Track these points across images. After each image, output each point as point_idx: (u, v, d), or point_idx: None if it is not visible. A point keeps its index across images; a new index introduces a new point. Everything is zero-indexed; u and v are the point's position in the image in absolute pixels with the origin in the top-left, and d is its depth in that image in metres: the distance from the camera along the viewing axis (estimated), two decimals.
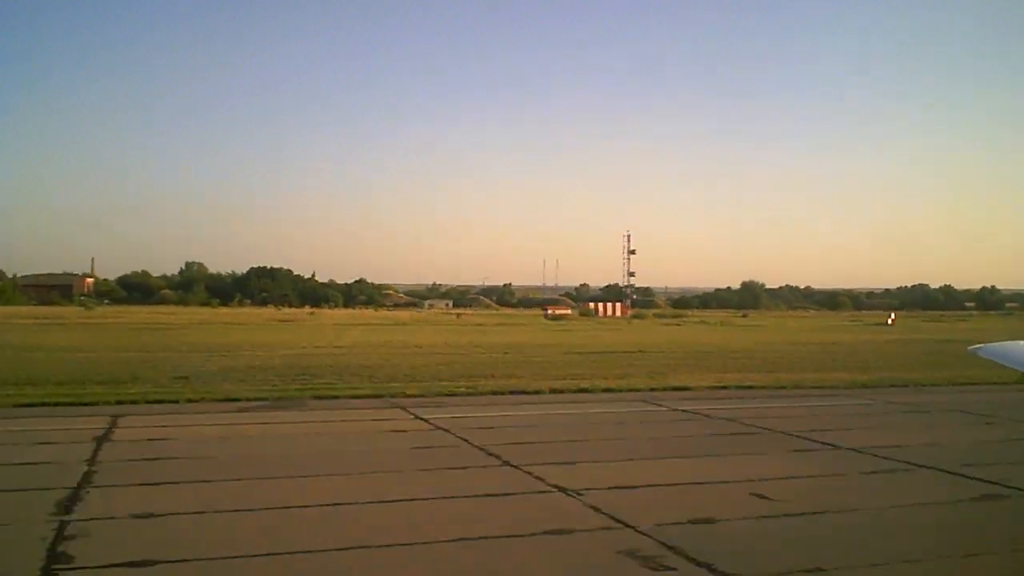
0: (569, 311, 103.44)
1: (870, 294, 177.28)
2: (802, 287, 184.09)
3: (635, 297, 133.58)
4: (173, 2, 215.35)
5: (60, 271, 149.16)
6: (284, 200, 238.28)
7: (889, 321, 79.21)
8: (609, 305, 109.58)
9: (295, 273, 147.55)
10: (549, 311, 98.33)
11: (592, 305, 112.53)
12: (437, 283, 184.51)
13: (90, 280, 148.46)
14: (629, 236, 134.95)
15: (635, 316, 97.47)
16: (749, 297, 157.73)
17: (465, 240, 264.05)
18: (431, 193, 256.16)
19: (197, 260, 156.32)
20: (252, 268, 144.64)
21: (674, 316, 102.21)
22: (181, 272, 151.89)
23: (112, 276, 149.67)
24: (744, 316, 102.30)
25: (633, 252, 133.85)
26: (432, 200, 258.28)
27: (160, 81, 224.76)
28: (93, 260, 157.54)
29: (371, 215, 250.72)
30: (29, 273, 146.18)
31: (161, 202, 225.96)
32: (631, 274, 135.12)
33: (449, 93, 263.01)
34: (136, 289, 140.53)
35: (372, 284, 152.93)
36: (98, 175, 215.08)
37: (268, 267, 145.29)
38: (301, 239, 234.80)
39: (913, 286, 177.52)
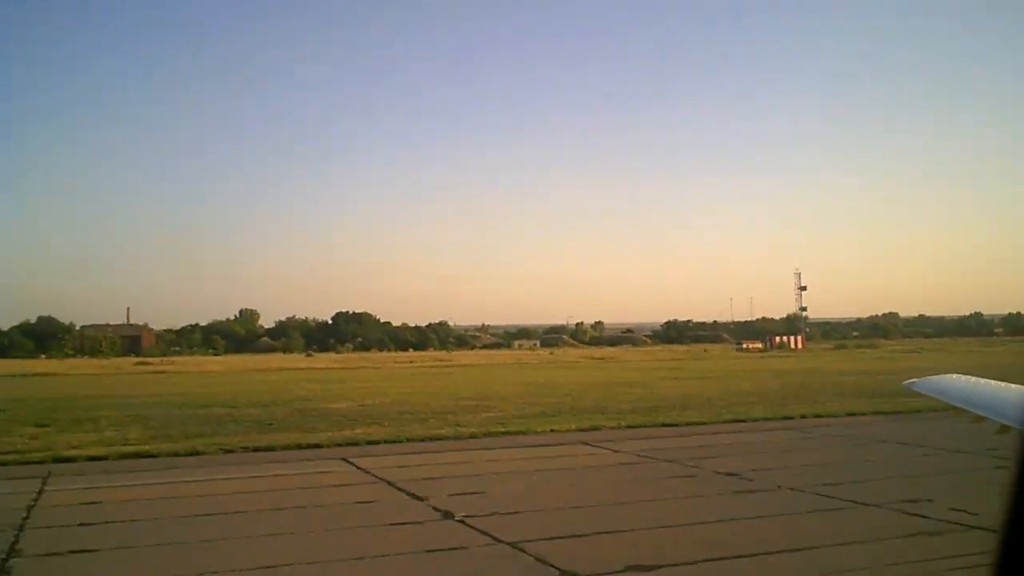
0: (760, 344, 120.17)
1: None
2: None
3: (807, 329, 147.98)
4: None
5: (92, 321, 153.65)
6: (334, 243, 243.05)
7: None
8: (791, 338, 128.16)
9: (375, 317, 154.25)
10: (744, 345, 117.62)
11: (778, 339, 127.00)
12: (512, 323, 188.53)
13: (149, 329, 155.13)
14: (800, 273, 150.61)
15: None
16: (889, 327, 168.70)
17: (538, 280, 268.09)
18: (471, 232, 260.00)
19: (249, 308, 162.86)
20: (339, 313, 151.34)
21: (839, 346, 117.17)
22: (235, 319, 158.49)
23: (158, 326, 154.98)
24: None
25: (804, 288, 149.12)
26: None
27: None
28: (128, 310, 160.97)
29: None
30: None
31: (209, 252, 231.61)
32: (803, 308, 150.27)
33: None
34: (229, 338, 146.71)
35: (449, 325, 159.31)
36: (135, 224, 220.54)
37: (352, 312, 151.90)
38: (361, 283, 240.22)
39: None
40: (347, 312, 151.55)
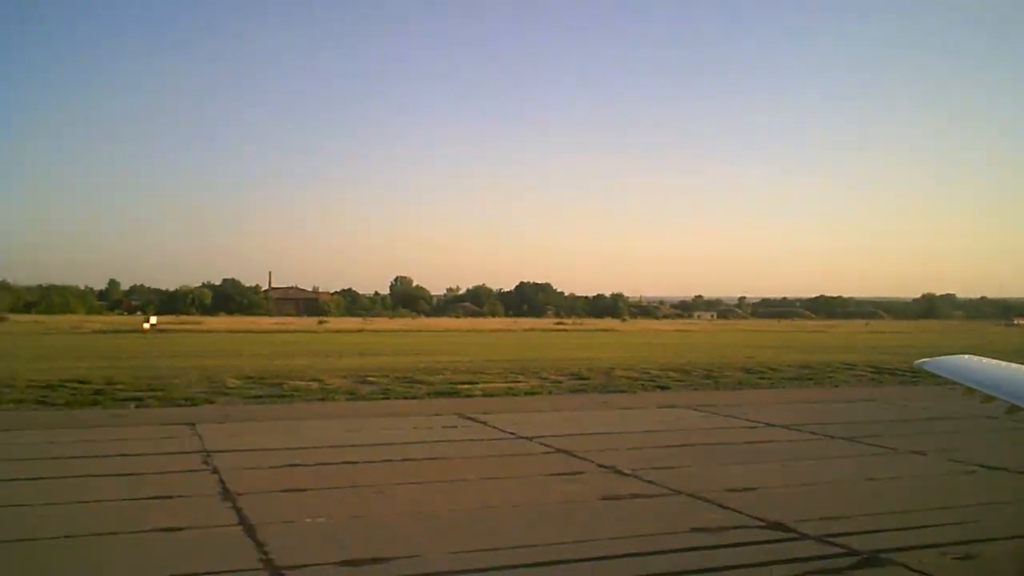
0: None
1: None
2: None
3: None
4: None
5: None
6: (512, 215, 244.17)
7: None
8: None
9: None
10: (1016, 321, 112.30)
11: None
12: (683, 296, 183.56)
13: (325, 293, 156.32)
14: None
15: None
16: None
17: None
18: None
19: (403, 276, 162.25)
20: (522, 283, 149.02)
21: None
22: (391, 287, 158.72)
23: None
24: None
25: None
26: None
27: None
28: (271, 273, 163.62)
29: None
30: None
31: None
32: None
33: None
34: (406, 303, 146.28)
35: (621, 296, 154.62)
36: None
37: (534, 282, 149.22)
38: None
39: None
40: (529, 282, 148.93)
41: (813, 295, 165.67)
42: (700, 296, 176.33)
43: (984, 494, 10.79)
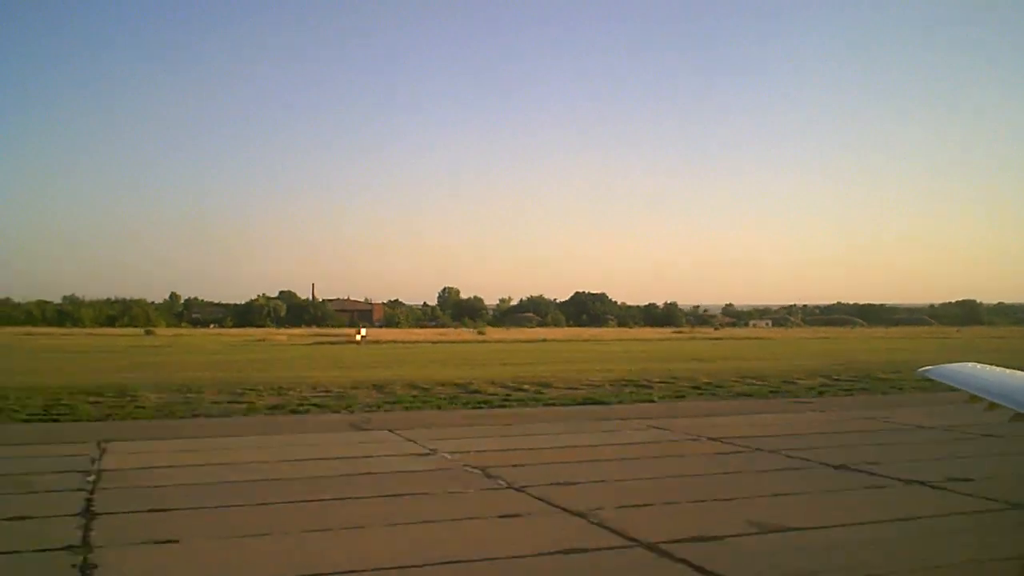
0: None
1: None
2: None
3: None
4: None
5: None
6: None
7: None
8: None
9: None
10: None
11: None
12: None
13: (378, 304, 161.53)
14: None
15: None
16: None
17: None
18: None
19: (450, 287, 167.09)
20: (577, 292, 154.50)
21: None
22: (439, 297, 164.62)
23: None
24: None
25: None
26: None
27: None
28: (313, 286, 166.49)
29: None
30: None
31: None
32: None
33: None
34: (465, 314, 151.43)
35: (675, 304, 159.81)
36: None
37: (590, 292, 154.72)
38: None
39: None
40: (585, 292, 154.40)
41: (848, 302, 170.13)
42: (731, 304, 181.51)
43: None
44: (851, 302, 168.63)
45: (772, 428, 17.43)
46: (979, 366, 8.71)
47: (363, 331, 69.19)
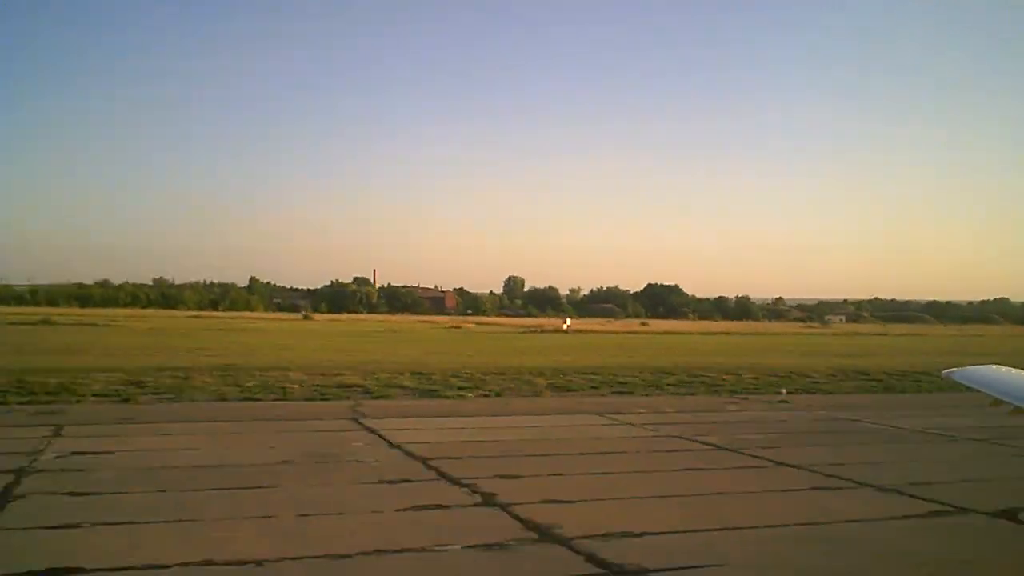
0: None
1: None
2: None
3: None
4: None
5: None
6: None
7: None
8: None
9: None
10: None
11: None
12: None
13: (451, 291, 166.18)
14: None
15: None
16: None
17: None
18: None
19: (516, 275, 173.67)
20: (649, 284, 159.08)
21: None
22: (504, 286, 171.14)
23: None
24: None
25: None
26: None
27: None
28: (375, 272, 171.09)
29: None
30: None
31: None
32: None
33: None
34: (545, 303, 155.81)
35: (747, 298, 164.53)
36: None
37: (662, 284, 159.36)
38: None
39: None
40: (657, 284, 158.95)
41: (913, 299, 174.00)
42: (780, 298, 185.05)
43: None
44: (911, 298, 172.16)
45: None
46: (1003, 368, 8.52)
47: (568, 321, 72.47)
